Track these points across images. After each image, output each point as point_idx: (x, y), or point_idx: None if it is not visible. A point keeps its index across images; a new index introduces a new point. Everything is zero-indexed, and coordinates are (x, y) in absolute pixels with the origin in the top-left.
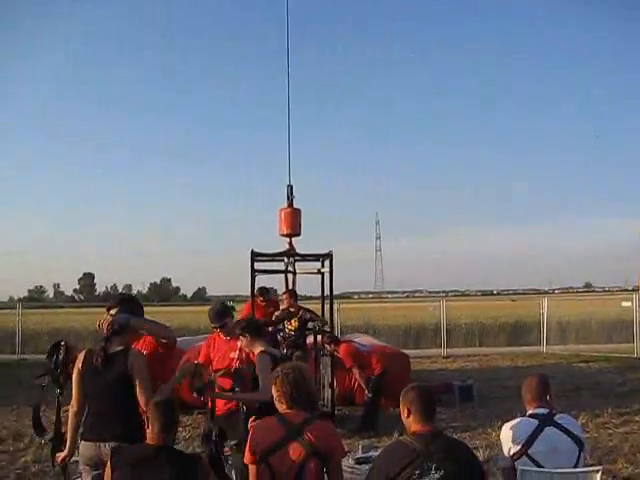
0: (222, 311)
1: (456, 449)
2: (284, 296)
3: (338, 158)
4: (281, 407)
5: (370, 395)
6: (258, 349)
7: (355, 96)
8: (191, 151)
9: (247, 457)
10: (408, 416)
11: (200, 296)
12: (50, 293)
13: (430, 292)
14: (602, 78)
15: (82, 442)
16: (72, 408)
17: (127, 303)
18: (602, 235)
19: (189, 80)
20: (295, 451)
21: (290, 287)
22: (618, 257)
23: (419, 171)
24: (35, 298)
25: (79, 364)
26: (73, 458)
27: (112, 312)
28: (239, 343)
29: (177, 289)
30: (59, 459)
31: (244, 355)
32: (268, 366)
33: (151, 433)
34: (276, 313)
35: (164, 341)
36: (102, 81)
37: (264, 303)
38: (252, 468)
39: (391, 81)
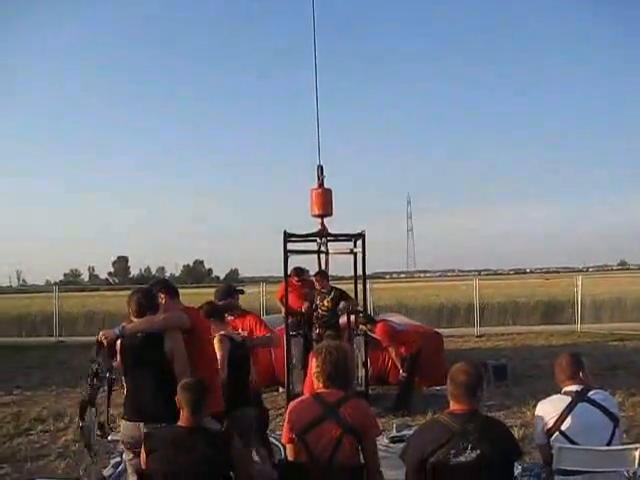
0: (226, 291)
1: (493, 429)
2: (316, 278)
3: (369, 137)
4: (318, 385)
5: (404, 374)
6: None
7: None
8: (223, 133)
9: (285, 436)
10: (451, 394)
11: (233, 278)
12: (85, 276)
13: (462, 271)
14: None
15: (123, 421)
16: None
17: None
18: (637, 212)
19: (218, 62)
20: (330, 429)
21: (323, 267)
22: None
23: (451, 149)
24: (71, 281)
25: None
26: (112, 437)
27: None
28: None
29: (210, 271)
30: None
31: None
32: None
33: (182, 415)
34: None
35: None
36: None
37: (299, 283)
38: (289, 447)
39: (425, 57)
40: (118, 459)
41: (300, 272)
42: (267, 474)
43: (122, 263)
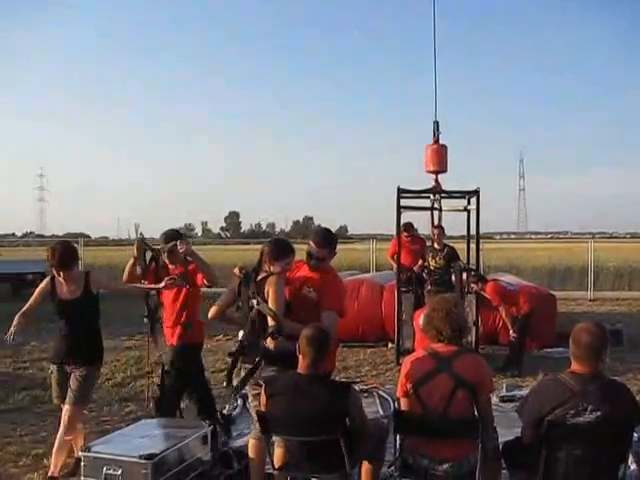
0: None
1: (615, 392)
2: (435, 231)
3: (485, 95)
4: (431, 339)
5: (515, 335)
6: None
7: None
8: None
9: (399, 389)
10: (573, 354)
11: (341, 234)
12: (198, 231)
13: (575, 234)
14: None
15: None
16: None
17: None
18: None
19: (333, 19)
20: (444, 383)
21: (435, 222)
22: None
23: (566, 109)
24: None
25: None
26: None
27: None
28: None
29: (318, 226)
30: None
31: None
32: None
33: (303, 363)
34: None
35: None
36: None
37: (409, 239)
38: (404, 400)
39: (544, 11)
40: (235, 404)
41: (410, 227)
42: (381, 425)
43: (234, 218)
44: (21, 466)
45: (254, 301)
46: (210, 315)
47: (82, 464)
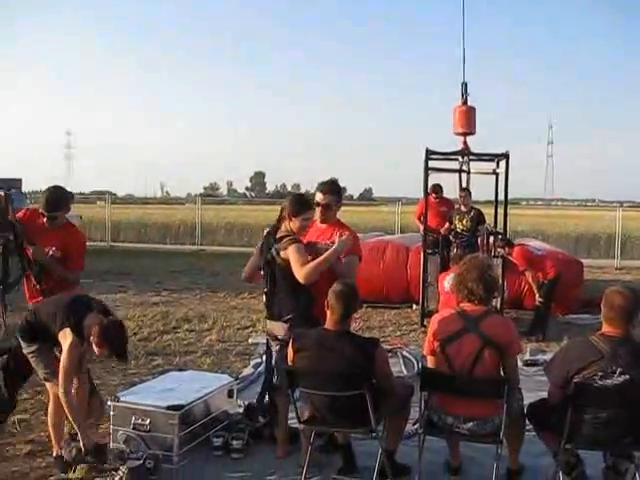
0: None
1: None
2: (462, 194)
3: (514, 57)
4: (462, 299)
5: (541, 299)
6: None
7: None
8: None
9: (427, 348)
10: (605, 316)
11: (366, 197)
12: (224, 190)
13: (603, 202)
14: None
15: (268, 321)
16: None
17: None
18: None
19: None
20: (471, 342)
21: (463, 185)
22: None
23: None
24: (210, 194)
25: None
26: (253, 340)
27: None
28: None
29: (344, 189)
30: None
31: None
32: None
33: (330, 319)
34: None
35: None
36: None
37: (437, 200)
38: (431, 359)
39: None
40: (258, 360)
41: (439, 189)
42: (406, 383)
43: (259, 178)
44: None
45: (273, 251)
46: (243, 277)
47: (111, 413)
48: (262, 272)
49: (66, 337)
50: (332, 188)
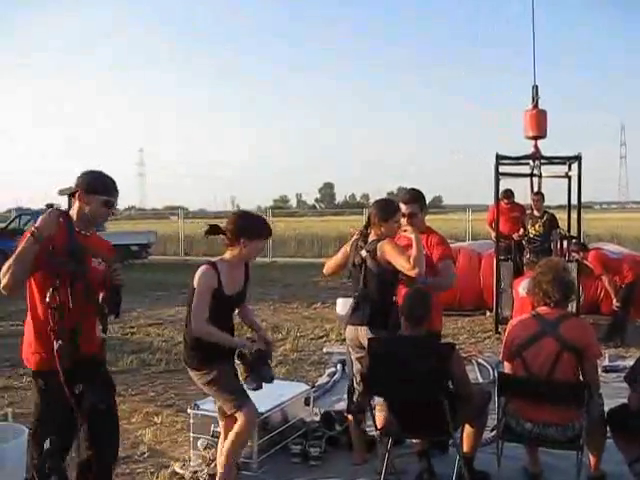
0: None
1: None
2: (535, 197)
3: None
4: (538, 302)
5: (618, 304)
6: None
7: None
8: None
9: (503, 353)
10: None
11: (435, 204)
12: (293, 202)
13: None
14: None
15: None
16: None
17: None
18: None
19: None
20: (549, 346)
21: (535, 189)
22: None
23: None
24: (279, 207)
25: None
26: (327, 349)
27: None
28: None
29: None
30: None
31: None
32: None
33: (405, 324)
34: None
35: None
36: None
37: (508, 206)
38: (507, 364)
39: None
40: (333, 369)
41: (511, 194)
42: (483, 390)
43: (328, 189)
44: (133, 423)
45: (363, 253)
46: (325, 271)
47: (191, 422)
48: (349, 277)
49: None
50: (414, 196)
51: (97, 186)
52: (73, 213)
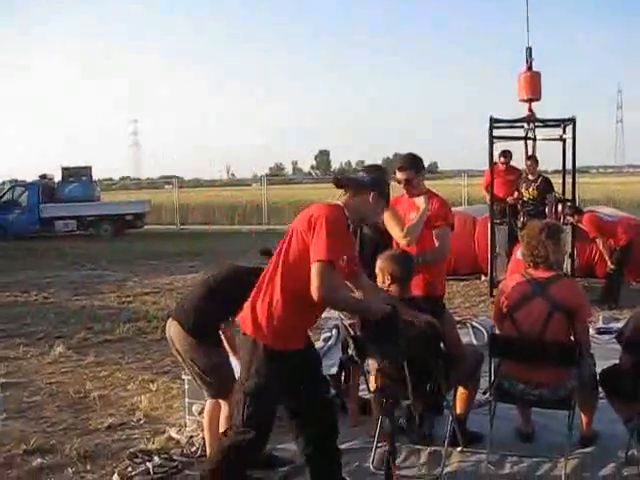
0: None
1: None
2: (528, 162)
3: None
4: (528, 264)
5: (613, 267)
6: None
7: None
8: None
9: (494, 314)
10: None
11: (432, 170)
12: (289, 170)
13: None
14: None
15: None
16: None
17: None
18: None
19: None
20: (539, 307)
21: (529, 153)
22: None
23: None
24: (275, 174)
25: None
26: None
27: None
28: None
29: None
30: None
31: None
32: None
33: (393, 286)
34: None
35: None
36: None
37: (504, 167)
38: (499, 325)
39: None
40: (328, 334)
41: (509, 154)
42: (476, 351)
43: (324, 157)
44: (129, 390)
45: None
46: None
47: (186, 387)
48: None
49: None
50: (408, 162)
51: None
52: None
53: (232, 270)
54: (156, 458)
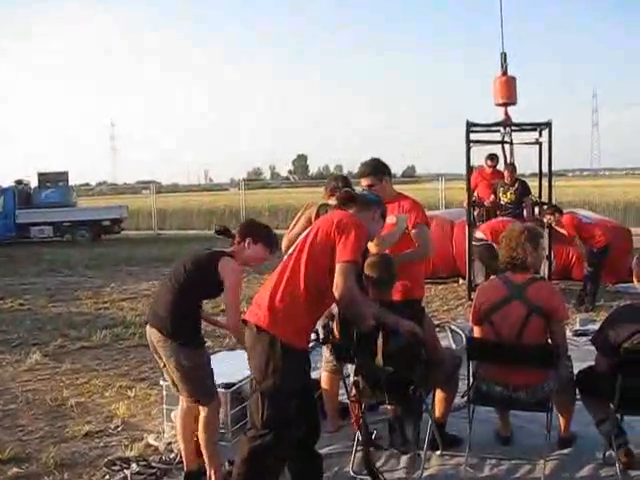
0: None
1: None
2: (506, 172)
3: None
4: (506, 266)
5: (590, 269)
6: None
7: None
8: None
9: (472, 318)
10: None
11: (409, 174)
12: (267, 175)
13: None
14: None
15: None
16: None
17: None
18: None
19: None
20: (517, 310)
21: (507, 158)
22: None
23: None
24: (253, 179)
25: None
26: None
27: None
28: None
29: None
30: None
31: None
32: None
33: (373, 291)
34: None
35: None
36: None
37: (491, 170)
38: (477, 328)
39: None
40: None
41: (495, 158)
42: (455, 355)
43: (301, 161)
44: (107, 397)
45: None
46: (285, 246)
47: (164, 394)
48: None
49: None
50: (368, 168)
51: None
52: None
53: (192, 260)
54: (134, 465)
